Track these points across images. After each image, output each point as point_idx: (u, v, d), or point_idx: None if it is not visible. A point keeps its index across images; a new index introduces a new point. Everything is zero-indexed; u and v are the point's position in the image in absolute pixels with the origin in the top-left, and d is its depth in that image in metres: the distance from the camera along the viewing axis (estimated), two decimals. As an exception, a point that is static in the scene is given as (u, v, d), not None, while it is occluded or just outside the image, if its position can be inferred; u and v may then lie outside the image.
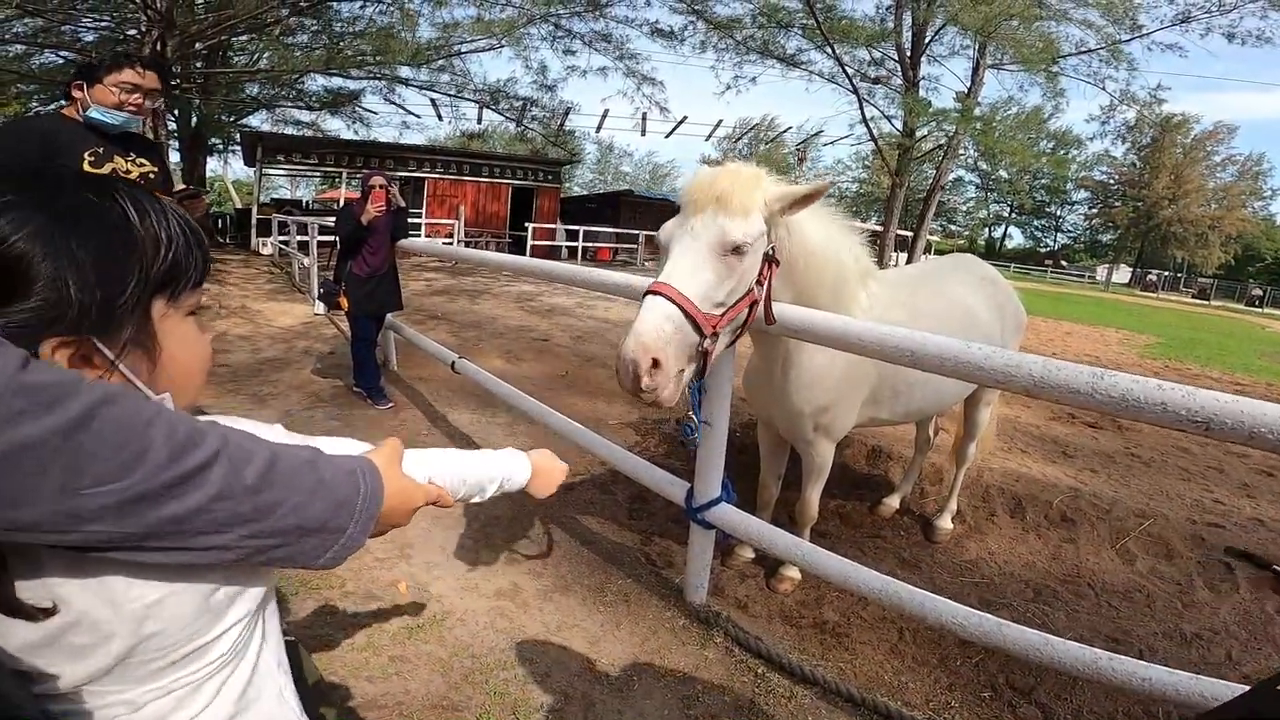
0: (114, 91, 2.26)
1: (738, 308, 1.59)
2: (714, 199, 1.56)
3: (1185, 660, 2.39)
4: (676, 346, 1.47)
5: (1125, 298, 32.15)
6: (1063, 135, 42.22)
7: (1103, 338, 12.48)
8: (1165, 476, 4.20)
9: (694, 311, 1.48)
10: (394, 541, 2.74)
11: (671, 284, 1.50)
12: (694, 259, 1.54)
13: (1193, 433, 1.13)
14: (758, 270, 1.62)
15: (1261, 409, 1.09)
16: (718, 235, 1.54)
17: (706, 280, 1.52)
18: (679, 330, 1.47)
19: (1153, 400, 1.13)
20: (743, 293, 1.60)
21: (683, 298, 1.48)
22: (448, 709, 1.89)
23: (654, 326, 1.45)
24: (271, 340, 6.38)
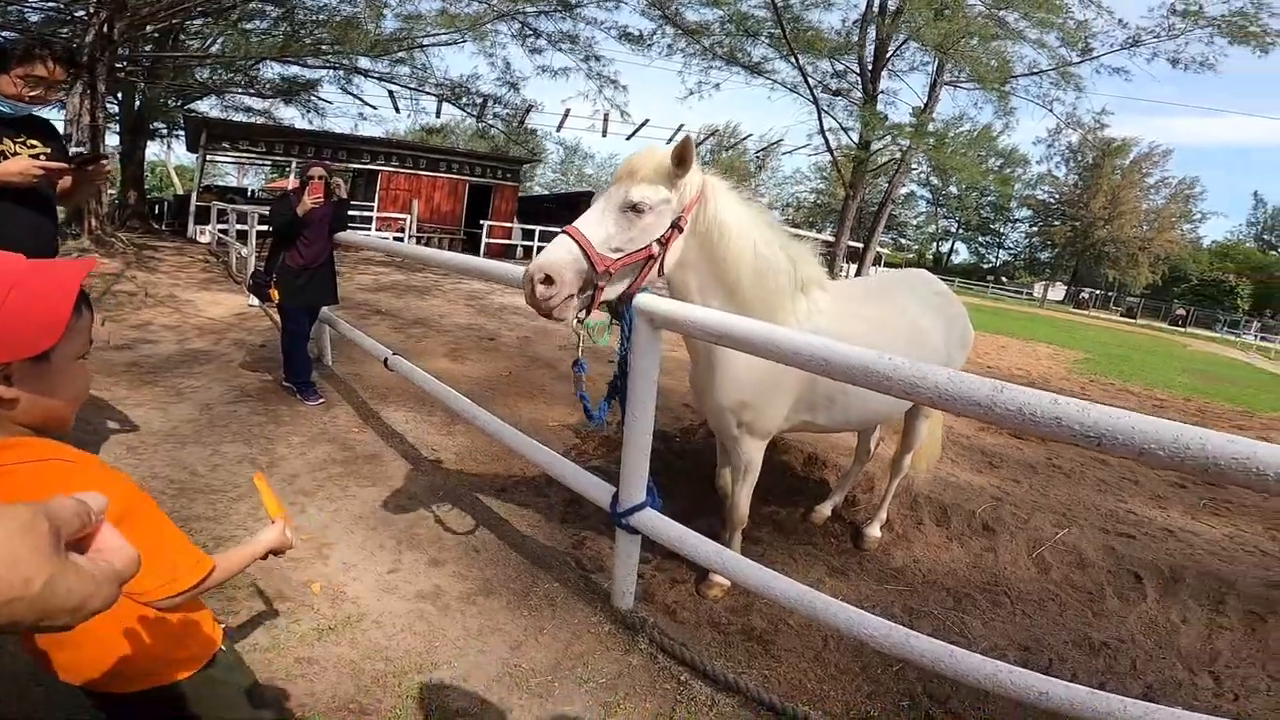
0: (17, 83, 2.23)
1: (633, 256, 1.89)
2: (628, 171, 1.91)
3: (1092, 669, 2.47)
4: (572, 272, 1.80)
5: (1059, 314, 33.72)
6: (1010, 154, 44.00)
7: (1034, 352, 13.05)
8: (1083, 487, 4.38)
9: (589, 249, 1.81)
10: (312, 541, 2.65)
11: (577, 227, 1.85)
12: (600, 213, 1.89)
13: (1086, 447, 1.16)
14: (660, 231, 1.92)
15: (1154, 426, 1.12)
16: (623, 196, 1.88)
17: (607, 229, 1.86)
18: (574, 259, 1.81)
19: (1048, 414, 1.15)
20: (640, 245, 1.89)
21: (583, 237, 1.82)
22: (355, 712, 1.83)
23: (555, 253, 1.81)
24: (199, 331, 6.08)
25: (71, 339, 0.93)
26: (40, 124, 2.44)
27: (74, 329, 0.93)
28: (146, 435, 3.51)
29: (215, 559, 1.14)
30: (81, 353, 0.97)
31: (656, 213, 1.89)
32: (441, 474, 3.47)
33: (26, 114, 2.33)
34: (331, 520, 2.84)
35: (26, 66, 2.22)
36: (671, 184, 1.90)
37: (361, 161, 18.63)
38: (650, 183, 1.88)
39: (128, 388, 4.22)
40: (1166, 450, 1.10)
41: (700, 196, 1.98)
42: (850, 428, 2.84)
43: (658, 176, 1.88)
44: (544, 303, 1.81)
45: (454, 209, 20.12)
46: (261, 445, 3.57)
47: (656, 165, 1.89)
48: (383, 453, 3.67)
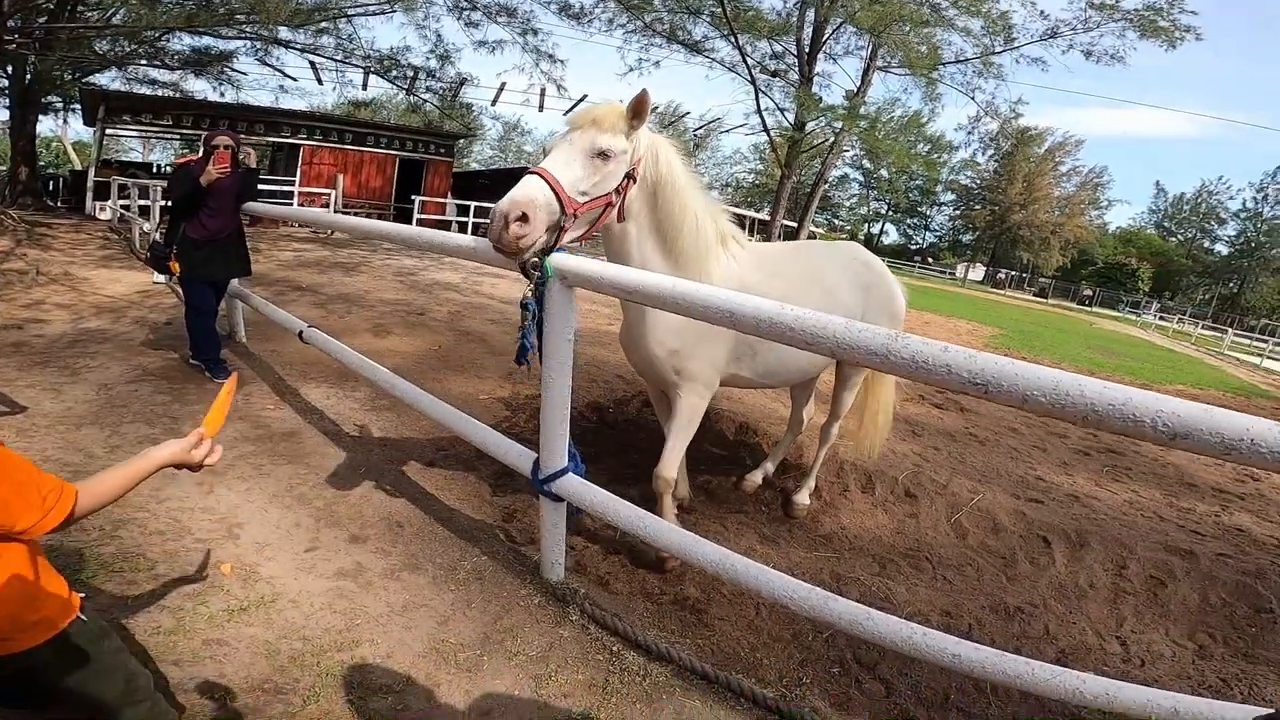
0: None
1: (596, 202, 1.98)
2: (591, 120, 1.97)
3: (1009, 634, 2.54)
4: (544, 211, 1.83)
5: (978, 294, 35.53)
6: (937, 140, 45.75)
7: (955, 328, 13.73)
8: (997, 454, 4.62)
9: (561, 191, 1.86)
10: (221, 521, 2.51)
11: (547, 168, 1.89)
12: (568, 156, 1.93)
13: (975, 394, 1.20)
14: (618, 180, 2.01)
15: (1035, 373, 1.17)
16: (590, 141, 1.94)
17: (576, 173, 1.92)
18: (547, 200, 1.84)
19: (938, 362, 1.19)
20: (603, 192, 1.99)
21: (554, 179, 1.86)
22: (270, 692, 1.75)
23: (527, 191, 1.82)
24: (97, 310, 5.65)
25: None
26: None
27: None
28: (37, 417, 3.24)
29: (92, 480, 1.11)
30: None
31: (617, 161, 1.98)
32: (364, 450, 3.34)
33: None
34: (243, 500, 2.70)
35: None
36: (629, 136, 1.99)
37: (281, 135, 17.68)
38: (614, 132, 1.96)
39: (16, 369, 3.88)
40: (1048, 396, 1.14)
41: (651, 152, 2.11)
42: (777, 382, 2.88)
43: (618, 127, 1.97)
44: (517, 240, 1.81)
45: (383, 185, 19.41)
46: (165, 425, 3.35)
47: (619, 115, 1.97)
48: (300, 430, 3.50)
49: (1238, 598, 2.94)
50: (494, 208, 1.82)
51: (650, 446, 3.76)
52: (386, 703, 1.78)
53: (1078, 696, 1.46)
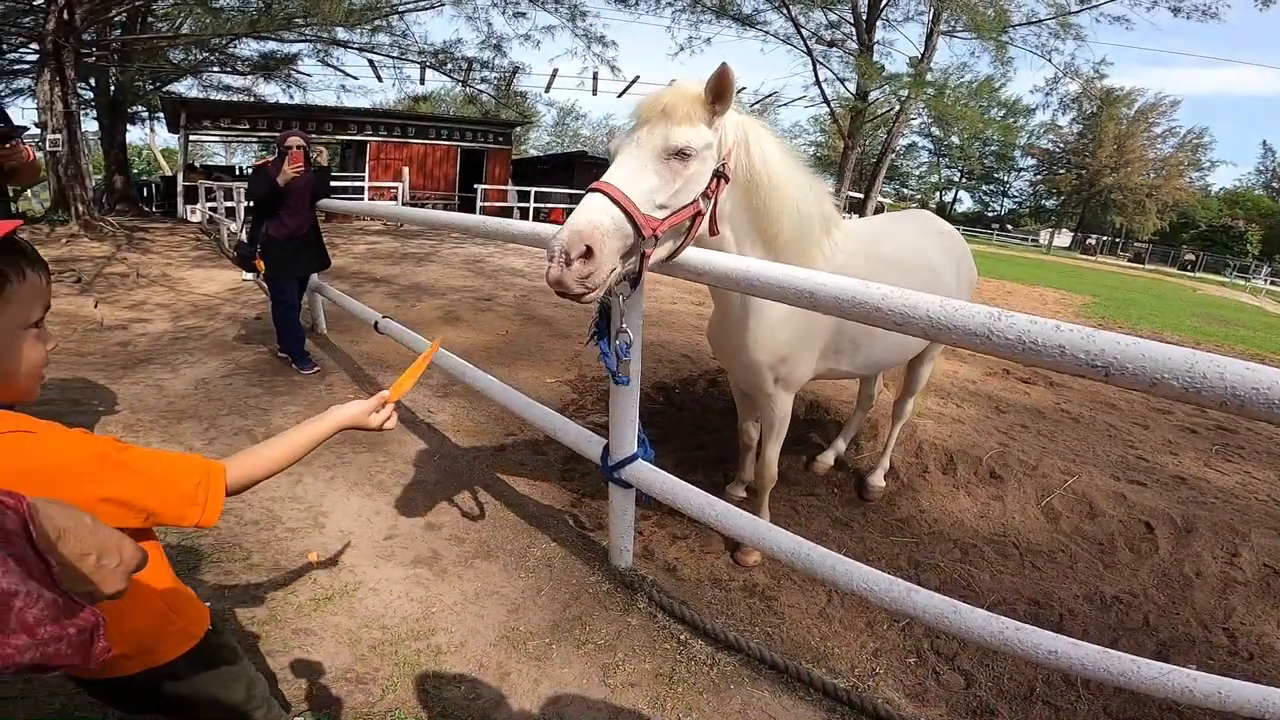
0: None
1: (680, 215, 1.60)
2: (660, 111, 1.58)
3: (1104, 624, 2.39)
4: (613, 239, 1.47)
5: (1065, 260, 33.27)
6: (1013, 104, 43.01)
7: (1041, 297, 12.86)
8: (1092, 433, 4.30)
9: (633, 210, 1.49)
10: (308, 510, 2.62)
11: (612, 183, 1.52)
12: (637, 163, 1.56)
13: (1093, 378, 1.08)
14: (705, 182, 1.64)
15: (1165, 353, 1.03)
16: (661, 140, 1.56)
17: (649, 182, 1.54)
18: (616, 225, 1.48)
19: (1050, 342, 1.07)
20: (687, 200, 1.61)
21: (623, 195, 1.49)
22: (352, 681, 1.81)
23: (590, 217, 1.45)
24: (194, 308, 6.04)
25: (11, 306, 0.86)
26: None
27: (10, 296, 0.85)
28: (142, 413, 3.47)
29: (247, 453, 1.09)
30: (30, 321, 0.89)
31: (701, 159, 1.60)
32: (437, 437, 3.43)
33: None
34: (328, 488, 2.81)
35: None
36: (711, 124, 1.61)
37: (349, 133, 18.40)
38: (691, 124, 1.57)
39: (122, 367, 4.18)
40: (1181, 380, 1.01)
41: (741, 140, 1.73)
42: (870, 371, 2.72)
43: (696, 115, 1.58)
44: (581, 281, 1.43)
45: (447, 175, 19.95)
46: (257, 416, 3.53)
47: (692, 101, 1.58)
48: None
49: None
50: (550, 240, 1.46)
51: (718, 427, 3.70)
52: (459, 692, 1.80)
53: (1187, 696, 1.34)
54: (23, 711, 1.56)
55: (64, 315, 5.26)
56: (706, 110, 1.60)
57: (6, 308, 0.85)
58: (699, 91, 1.59)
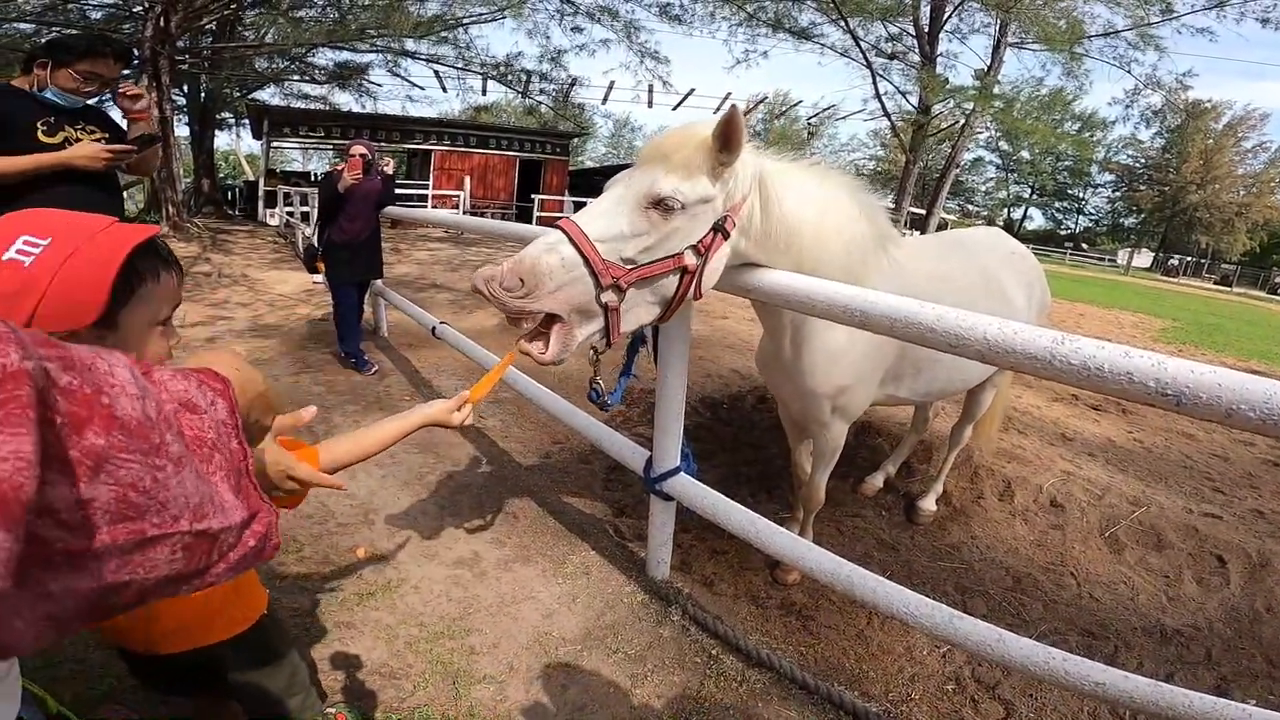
0: (76, 78, 2.29)
1: (654, 268, 1.42)
2: (660, 154, 1.43)
3: (1161, 658, 2.28)
4: (559, 282, 1.33)
5: (1145, 281, 31.48)
6: (1089, 117, 41.15)
7: (1117, 320, 12.18)
8: (1166, 463, 4.05)
9: (590, 253, 1.34)
10: (359, 507, 2.70)
11: (575, 220, 1.39)
12: (613, 205, 1.42)
13: (1163, 407, 1.01)
14: (696, 238, 1.45)
15: (1242, 383, 0.96)
16: (645, 186, 1.40)
17: (616, 227, 1.39)
18: (566, 267, 1.33)
19: (1118, 369, 1.00)
20: (666, 254, 1.43)
21: (580, 234, 1.35)
22: (385, 676, 1.85)
23: (534, 253, 1.33)
24: (270, 307, 6.38)
25: (144, 305, 0.91)
26: (96, 113, 2.52)
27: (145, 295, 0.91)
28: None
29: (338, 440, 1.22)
30: (159, 319, 0.94)
31: (691, 215, 1.42)
32: (486, 442, 3.49)
33: (82, 105, 2.41)
34: (379, 487, 2.90)
35: (88, 63, 2.29)
36: (715, 176, 1.43)
37: (415, 142, 19.09)
38: (687, 173, 1.40)
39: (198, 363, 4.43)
40: (1258, 411, 0.94)
41: (756, 189, 1.52)
42: (930, 397, 2.62)
43: (696, 164, 1.41)
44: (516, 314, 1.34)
45: (506, 185, 20.44)
46: (319, 414, 3.68)
47: (696, 148, 1.41)
48: (431, 421, 3.73)
49: None
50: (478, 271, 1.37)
51: (764, 444, 3.65)
52: (488, 693, 1.82)
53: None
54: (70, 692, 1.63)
55: (148, 311, 5.63)
56: (711, 158, 1.41)
57: (141, 306, 0.91)
58: (706, 136, 1.41)
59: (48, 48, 2.33)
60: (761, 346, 2.21)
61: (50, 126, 2.29)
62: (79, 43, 2.31)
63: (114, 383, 0.40)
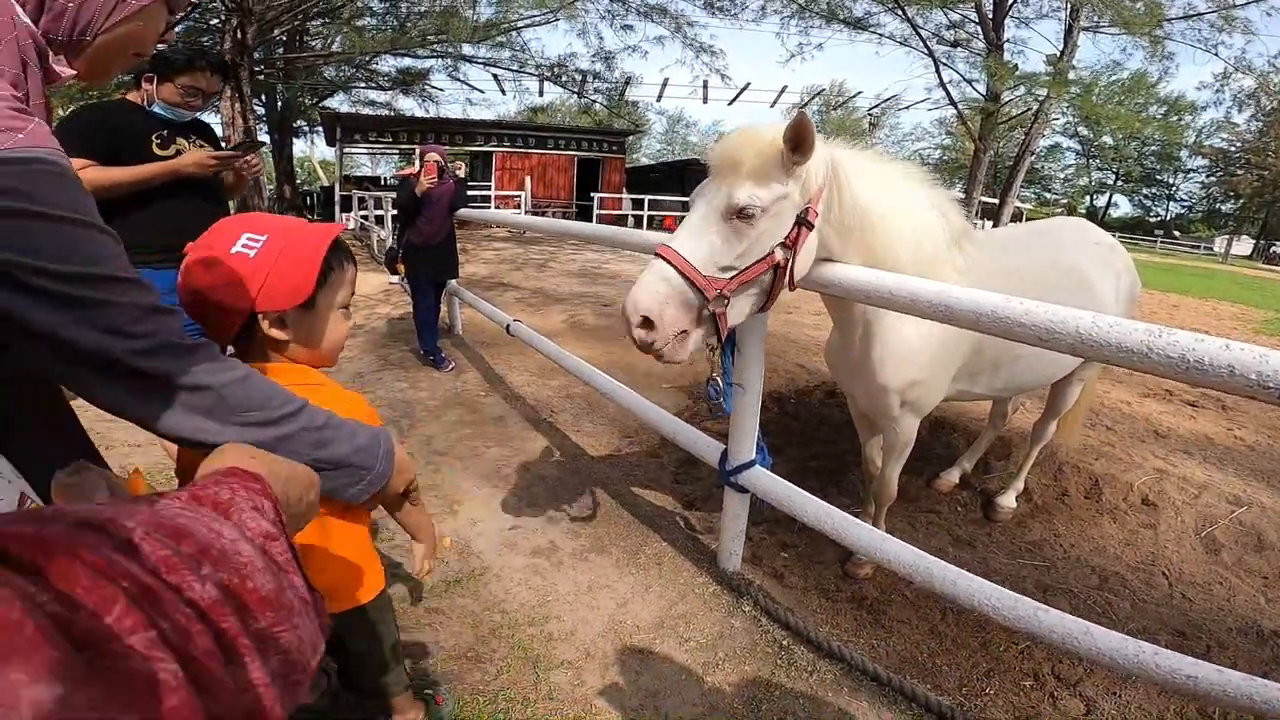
0: (179, 92, 2.44)
1: (750, 272, 1.54)
2: (729, 164, 1.52)
3: (1256, 659, 2.17)
4: (674, 307, 1.49)
5: (1245, 270, 29.11)
6: (1175, 101, 38.37)
7: (1215, 311, 11.35)
8: (1270, 461, 3.79)
9: (692, 274, 1.48)
10: (444, 498, 2.84)
11: (673, 246, 1.52)
12: (702, 222, 1.53)
13: (1267, 401, 0.98)
14: (781, 235, 1.55)
15: (1355, 375, 0.93)
16: (724, 200, 1.51)
17: (710, 244, 1.51)
18: (676, 291, 1.49)
19: (1218, 362, 0.98)
20: (758, 256, 1.54)
21: (681, 260, 1.49)
22: (472, 660, 1.94)
23: (648, 286, 1.49)
24: (353, 308, 6.71)
25: (332, 290, 1.09)
26: (201, 126, 2.68)
27: (333, 282, 1.09)
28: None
29: None
30: (343, 303, 1.13)
31: (773, 215, 1.52)
32: (559, 436, 3.61)
33: (189, 119, 2.56)
34: (462, 478, 3.04)
35: (188, 77, 2.43)
36: (787, 173, 1.51)
37: (476, 144, 19.65)
38: (758, 179, 1.49)
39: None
40: (1375, 403, 0.91)
41: (830, 179, 1.60)
42: (1007, 394, 2.58)
43: (768, 167, 1.49)
44: (648, 346, 1.51)
45: (565, 184, 20.77)
46: (403, 409, 3.89)
47: (763, 152, 1.49)
48: (507, 415, 3.88)
49: None
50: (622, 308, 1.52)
51: (833, 439, 3.63)
52: (566, 678, 1.89)
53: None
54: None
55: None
56: (781, 160, 1.49)
57: (330, 290, 1.09)
58: (773, 139, 1.49)
59: (153, 63, 2.45)
60: (830, 342, 2.23)
61: (163, 140, 2.43)
62: (179, 57, 2.43)
63: (244, 560, 0.41)
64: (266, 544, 0.46)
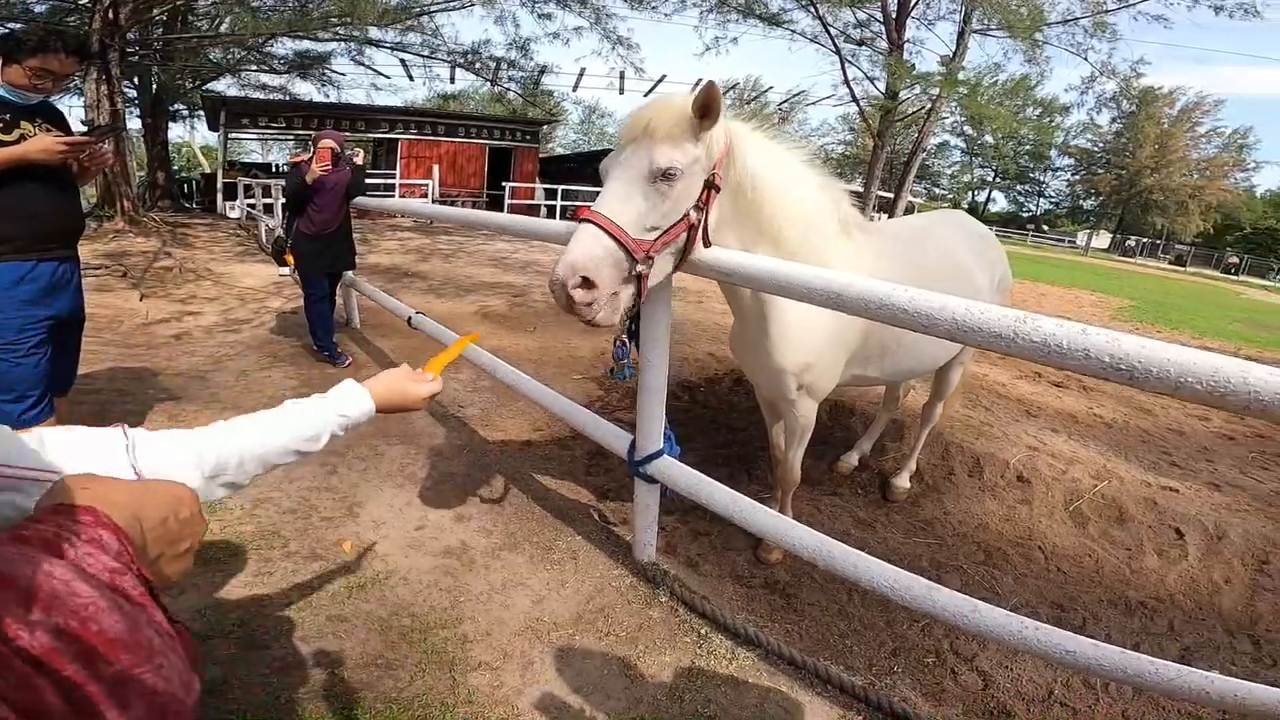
0: (27, 75, 2.21)
1: (672, 232, 1.63)
2: (643, 129, 1.60)
3: (1127, 630, 2.38)
4: (609, 267, 1.54)
5: (1104, 262, 32.43)
6: (1049, 103, 42.09)
7: (1076, 299, 12.59)
8: (1125, 438, 4.22)
9: (623, 237, 1.54)
10: (342, 500, 2.70)
11: (601, 211, 1.56)
12: (624, 187, 1.59)
13: (1118, 381, 1.08)
14: (695, 195, 1.65)
15: (1191, 357, 1.04)
16: (646, 162, 1.58)
17: (637, 207, 1.58)
18: (609, 253, 1.54)
19: (1076, 345, 1.07)
20: (678, 217, 1.63)
21: (611, 224, 1.54)
22: (382, 667, 1.87)
23: (585, 248, 1.52)
24: (239, 301, 6.25)
25: None
26: (50, 109, 2.43)
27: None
28: (186, 404, 3.61)
29: None
30: None
31: (688, 177, 1.61)
32: (467, 431, 3.50)
33: (36, 102, 2.32)
34: (361, 479, 2.89)
35: (38, 59, 2.20)
36: (697, 137, 1.61)
37: (380, 131, 18.78)
38: (674, 142, 1.58)
39: (166, 359, 4.34)
40: (1204, 384, 1.01)
41: (729, 149, 1.71)
42: (899, 378, 2.73)
43: (680, 132, 1.58)
44: (585, 309, 1.54)
45: (475, 173, 20.25)
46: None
47: (676, 118, 1.58)
48: (410, 413, 3.72)
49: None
50: (551, 275, 1.54)
51: (742, 426, 3.73)
52: (484, 680, 1.85)
53: (1203, 696, 1.34)
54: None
55: (112, 309, 5.47)
56: (692, 125, 1.59)
57: None
58: (683, 105, 1.59)
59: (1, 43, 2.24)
60: (733, 332, 2.31)
61: (5, 124, 2.21)
62: (30, 38, 2.21)
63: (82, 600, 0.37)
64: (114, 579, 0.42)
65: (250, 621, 1.97)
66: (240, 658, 1.83)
